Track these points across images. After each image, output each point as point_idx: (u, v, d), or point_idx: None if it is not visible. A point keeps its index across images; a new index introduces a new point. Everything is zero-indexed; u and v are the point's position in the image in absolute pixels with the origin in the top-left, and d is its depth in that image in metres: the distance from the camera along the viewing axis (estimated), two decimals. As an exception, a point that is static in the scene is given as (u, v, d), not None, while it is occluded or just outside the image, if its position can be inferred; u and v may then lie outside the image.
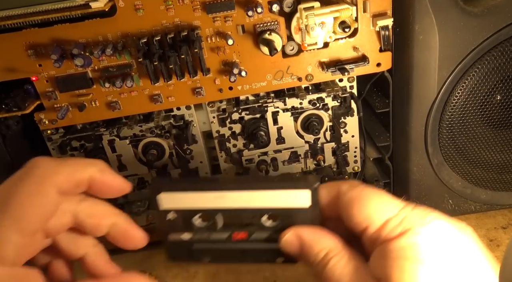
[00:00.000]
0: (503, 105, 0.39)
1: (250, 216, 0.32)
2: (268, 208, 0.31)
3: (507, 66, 0.37)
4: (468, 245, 0.28)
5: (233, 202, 0.31)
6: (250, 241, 0.32)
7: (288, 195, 0.30)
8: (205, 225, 0.32)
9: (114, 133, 0.42)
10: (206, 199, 0.31)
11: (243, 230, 0.32)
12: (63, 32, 0.36)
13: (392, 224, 0.28)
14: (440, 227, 0.28)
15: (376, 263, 0.28)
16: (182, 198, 0.31)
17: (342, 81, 0.43)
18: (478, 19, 0.36)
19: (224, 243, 0.32)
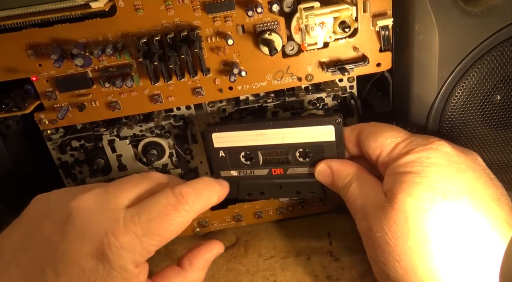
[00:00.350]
0: (503, 105, 0.39)
1: (286, 153, 0.38)
2: (299, 143, 0.38)
3: (507, 66, 0.37)
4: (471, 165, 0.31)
5: (270, 139, 0.38)
6: (287, 176, 0.39)
7: (315, 130, 0.37)
8: (249, 162, 0.39)
9: (114, 133, 0.42)
10: (249, 136, 0.38)
11: (280, 166, 0.39)
12: (63, 32, 0.36)
13: (400, 146, 0.33)
14: (443, 147, 0.32)
15: (385, 180, 0.32)
16: (230, 137, 0.38)
17: (342, 81, 0.43)
18: (478, 19, 0.36)
19: (265, 178, 0.39)
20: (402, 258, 0.29)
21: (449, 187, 0.29)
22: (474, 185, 0.30)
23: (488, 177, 0.32)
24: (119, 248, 0.27)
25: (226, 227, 0.48)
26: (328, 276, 0.40)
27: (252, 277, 0.42)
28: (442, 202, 0.29)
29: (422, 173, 0.30)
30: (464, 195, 0.29)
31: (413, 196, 0.29)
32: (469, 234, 0.28)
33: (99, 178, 0.44)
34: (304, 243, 0.45)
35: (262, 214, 0.47)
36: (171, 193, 0.30)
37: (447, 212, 0.29)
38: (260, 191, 0.40)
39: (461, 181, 0.30)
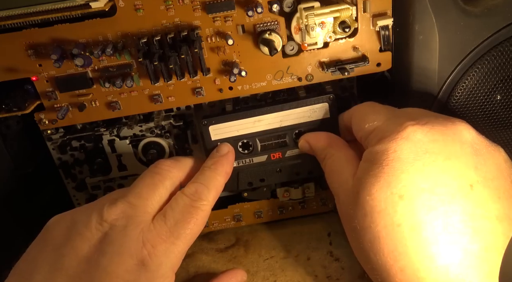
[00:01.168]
0: (503, 105, 0.39)
1: (283, 136, 0.40)
2: (296, 124, 0.39)
3: (507, 66, 0.37)
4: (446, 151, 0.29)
5: (268, 124, 0.39)
6: (285, 160, 0.41)
7: (311, 109, 0.38)
8: (247, 152, 0.40)
9: (114, 133, 0.42)
10: (246, 124, 0.39)
11: (278, 150, 0.40)
12: (63, 32, 0.36)
13: (376, 132, 0.32)
14: (414, 134, 0.29)
15: (359, 165, 0.32)
16: (228, 127, 0.39)
17: (342, 81, 0.43)
18: (478, 19, 0.36)
19: (264, 165, 0.41)
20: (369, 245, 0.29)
21: (409, 185, 0.28)
22: (440, 179, 0.28)
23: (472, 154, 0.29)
24: (159, 256, 0.29)
25: (226, 227, 0.48)
26: (328, 276, 0.40)
27: (252, 277, 0.42)
28: (397, 202, 0.28)
29: (386, 167, 0.29)
30: (423, 193, 0.28)
31: (371, 194, 0.29)
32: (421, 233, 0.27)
33: (99, 178, 0.44)
34: (304, 243, 0.45)
35: (262, 214, 0.47)
36: (185, 196, 0.33)
37: (401, 213, 0.28)
38: (260, 178, 0.41)
39: (424, 177, 0.28)
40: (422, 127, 0.29)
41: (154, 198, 0.32)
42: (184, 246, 0.31)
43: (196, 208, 0.32)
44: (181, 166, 0.35)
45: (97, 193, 0.46)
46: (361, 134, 0.34)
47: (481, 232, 0.27)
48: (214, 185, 0.34)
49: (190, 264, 0.44)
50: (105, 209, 0.31)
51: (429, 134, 0.29)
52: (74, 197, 0.46)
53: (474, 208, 0.27)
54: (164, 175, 0.34)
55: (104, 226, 0.30)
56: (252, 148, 0.40)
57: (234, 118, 0.39)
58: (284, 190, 0.45)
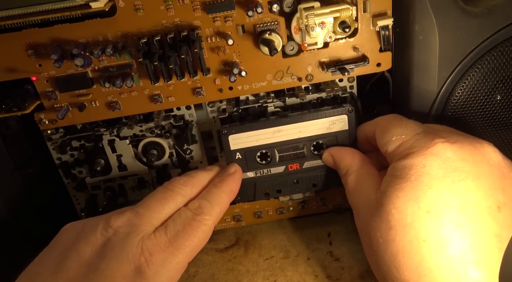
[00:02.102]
0: (503, 105, 0.39)
1: (301, 147, 0.40)
2: (314, 135, 0.39)
3: (507, 66, 0.37)
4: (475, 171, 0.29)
5: (287, 135, 0.39)
6: (302, 171, 0.41)
7: (330, 121, 0.39)
8: (265, 162, 0.40)
9: (114, 133, 0.42)
10: (266, 135, 0.39)
11: (296, 161, 0.40)
12: (63, 32, 0.36)
13: (403, 147, 0.32)
14: (444, 152, 0.29)
15: (384, 179, 0.32)
16: (247, 137, 0.39)
17: (342, 81, 0.43)
18: (478, 19, 0.36)
19: (282, 176, 0.41)
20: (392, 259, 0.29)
21: (437, 201, 0.28)
22: (469, 197, 0.28)
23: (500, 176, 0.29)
24: (156, 265, 0.30)
25: (226, 227, 0.48)
26: (328, 276, 0.40)
27: (252, 277, 0.42)
28: (424, 217, 0.28)
29: (414, 182, 0.29)
30: (451, 210, 0.28)
31: (397, 208, 0.29)
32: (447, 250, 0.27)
33: (99, 178, 0.44)
34: (304, 243, 0.45)
35: (262, 214, 0.47)
36: (188, 210, 0.33)
37: (427, 228, 0.27)
38: (277, 189, 0.41)
39: (452, 194, 0.28)
40: (452, 146, 0.30)
41: (162, 212, 0.33)
42: (182, 257, 0.31)
43: (197, 221, 0.32)
44: (195, 183, 0.36)
45: (97, 193, 0.46)
46: (386, 147, 0.33)
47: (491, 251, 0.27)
48: (218, 202, 0.35)
49: (190, 264, 0.43)
50: (113, 217, 0.32)
51: (458, 153, 0.29)
52: (74, 197, 0.46)
53: (501, 230, 0.27)
54: (176, 191, 0.34)
55: (109, 231, 0.31)
56: (270, 158, 0.40)
57: (254, 128, 0.39)
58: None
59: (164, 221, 0.33)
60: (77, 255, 0.30)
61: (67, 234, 0.32)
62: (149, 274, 0.29)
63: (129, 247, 0.30)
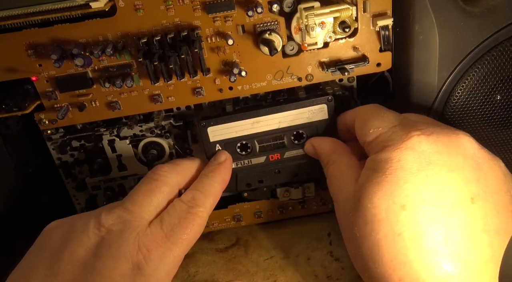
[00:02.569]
0: (503, 105, 0.39)
1: (281, 137, 0.40)
2: (294, 125, 0.39)
3: (507, 66, 0.37)
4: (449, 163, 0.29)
5: (267, 125, 0.39)
6: (283, 161, 0.41)
7: (309, 110, 0.38)
8: (245, 153, 0.40)
9: (114, 133, 0.42)
10: (245, 126, 0.39)
11: (276, 151, 0.40)
12: (63, 32, 0.36)
13: (381, 138, 0.32)
14: (419, 145, 0.29)
15: (362, 171, 0.32)
16: (226, 128, 0.39)
17: (342, 81, 0.43)
18: (478, 19, 0.36)
19: (263, 166, 0.41)
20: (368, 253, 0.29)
21: (411, 195, 0.28)
22: (443, 190, 0.28)
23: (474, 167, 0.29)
24: (154, 261, 0.29)
25: (226, 227, 0.48)
26: (328, 276, 0.40)
27: (252, 277, 0.42)
28: (399, 211, 0.28)
29: (389, 176, 0.29)
30: (425, 204, 0.28)
31: (373, 203, 0.29)
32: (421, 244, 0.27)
33: (99, 178, 0.44)
34: (304, 243, 0.45)
35: (262, 214, 0.47)
36: (182, 202, 0.33)
37: (402, 222, 0.28)
38: (259, 179, 0.41)
39: (427, 188, 0.28)
40: (428, 138, 0.30)
41: (151, 204, 0.32)
42: (180, 251, 0.31)
43: (193, 214, 0.32)
44: (180, 170, 0.36)
45: (97, 193, 0.46)
46: (364, 139, 0.34)
47: (480, 245, 0.27)
48: (211, 192, 0.35)
49: (190, 264, 0.44)
50: (103, 215, 0.31)
51: (433, 145, 0.29)
52: (74, 197, 0.46)
53: (474, 221, 0.27)
54: (161, 180, 0.34)
55: (101, 230, 0.30)
56: (251, 149, 0.40)
57: (233, 119, 0.39)
58: (284, 190, 0.45)
59: (157, 213, 0.32)
60: (70, 257, 0.29)
61: (53, 234, 0.31)
62: (148, 271, 0.29)
63: (125, 245, 0.29)
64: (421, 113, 0.40)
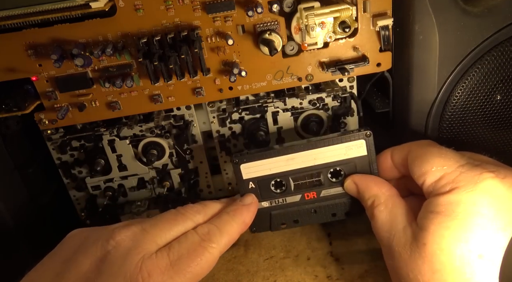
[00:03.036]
0: (503, 105, 0.39)
1: (318, 175, 0.38)
2: (331, 162, 0.37)
3: (507, 66, 0.37)
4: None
5: (302, 162, 0.37)
6: (320, 200, 0.39)
7: (346, 146, 0.36)
8: (279, 191, 0.38)
9: (114, 133, 0.42)
10: (279, 163, 0.37)
11: (312, 190, 0.38)
12: (63, 32, 0.36)
13: (445, 180, 0.29)
14: (493, 187, 0.27)
15: (422, 211, 0.30)
16: (260, 166, 0.37)
17: (342, 81, 0.43)
18: (478, 19, 0.36)
19: (298, 205, 0.39)
20: None
21: (490, 244, 0.26)
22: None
23: None
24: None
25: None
26: (328, 276, 0.40)
27: (252, 277, 0.42)
28: (477, 261, 0.26)
29: (462, 221, 0.27)
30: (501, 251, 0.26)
31: (443, 249, 0.27)
32: None
33: (99, 178, 0.44)
34: (304, 243, 0.45)
35: (262, 214, 0.47)
36: (196, 234, 0.32)
37: (480, 274, 0.26)
38: (294, 219, 0.39)
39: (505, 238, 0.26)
40: (503, 181, 0.27)
41: (169, 232, 0.32)
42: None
43: (203, 248, 0.31)
44: (208, 212, 0.34)
45: (97, 193, 0.46)
46: (424, 178, 0.31)
47: None
48: (227, 231, 0.33)
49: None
50: (118, 229, 0.31)
51: (510, 190, 0.27)
52: (74, 197, 0.46)
53: None
54: (187, 216, 0.33)
55: (110, 244, 0.30)
56: (285, 187, 0.38)
57: (267, 156, 0.37)
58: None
59: (170, 242, 0.31)
60: (76, 267, 0.29)
61: (70, 242, 0.32)
62: None
63: (128, 265, 0.29)
64: (421, 113, 0.40)
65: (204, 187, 0.47)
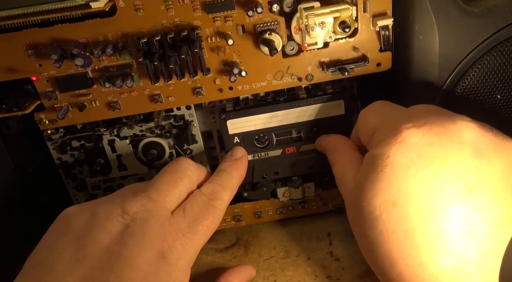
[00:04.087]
0: (503, 105, 0.39)
1: (298, 131, 0.41)
2: (311, 120, 0.40)
3: (507, 66, 0.37)
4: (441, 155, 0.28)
5: (284, 120, 0.40)
6: (299, 154, 0.42)
7: (327, 106, 0.40)
8: (262, 146, 0.42)
9: (114, 133, 0.42)
10: (263, 119, 0.40)
11: (293, 145, 0.42)
12: (63, 32, 0.36)
13: (376, 135, 0.32)
14: (409, 138, 0.29)
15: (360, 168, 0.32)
16: (245, 122, 0.40)
17: (342, 81, 0.43)
18: (478, 19, 0.36)
19: (279, 158, 0.42)
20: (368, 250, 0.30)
21: (402, 191, 0.27)
22: (434, 184, 0.27)
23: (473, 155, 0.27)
24: (178, 250, 0.30)
25: (226, 227, 0.48)
26: (328, 276, 0.40)
27: (252, 277, 0.42)
28: (391, 209, 0.27)
29: (380, 173, 0.28)
30: (416, 200, 0.27)
31: (367, 201, 0.29)
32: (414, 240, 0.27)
33: (99, 178, 0.44)
34: (304, 243, 0.45)
35: (262, 214, 0.47)
36: (203, 194, 0.34)
37: (395, 219, 0.27)
38: (274, 171, 0.43)
39: (417, 183, 0.27)
40: (418, 130, 0.28)
41: (173, 195, 0.33)
42: (200, 242, 0.32)
43: (213, 206, 0.33)
44: (197, 167, 0.37)
45: (97, 193, 0.46)
46: (363, 136, 0.34)
47: (478, 237, 0.26)
48: (229, 186, 0.36)
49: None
50: (127, 202, 0.31)
51: (424, 137, 0.28)
52: (74, 197, 0.46)
53: (471, 213, 0.26)
54: (184, 172, 0.35)
55: (126, 218, 0.31)
56: (268, 142, 0.42)
57: (251, 113, 0.40)
58: (284, 190, 0.45)
59: (177, 204, 0.33)
60: (96, 243, 0.29)
61: (73, 219, 0.31)
62: (172, 259, 0.30)
63: (151, 234, 0.30)
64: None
65: (204, 187, 0.47)
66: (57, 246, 0.30)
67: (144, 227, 0.30)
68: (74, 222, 0.31)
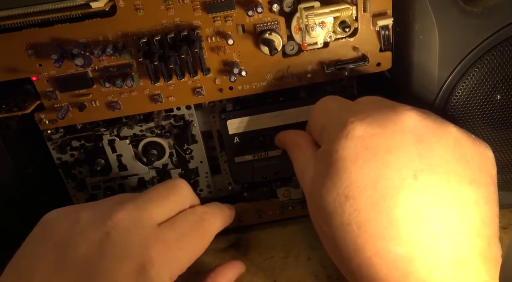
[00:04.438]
0: (503, 105, 0.39)
1: None
2: None
3: (507, 66, 0.37)
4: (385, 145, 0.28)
5: (285, 119, 0.40)
6: None
7: None
8: (262, 146, 0.42)
9: (114, 133, 0.42)
10: (264, 119, 0.40)
11: None
12: (63, 32, 0.36)
13: (325, 132, 0.32)
14: (353, 131, 0.29)
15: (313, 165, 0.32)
16: (245, 122, 0.40)
17: (342, 81, 0.43)
18: (478, 19, 0.36)
19: (279, 158, 0.42)
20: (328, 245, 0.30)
21: (352, 184, 0.28)
22: (381, 173, 0.27)
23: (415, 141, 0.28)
24: (160, 263, 0.28)
25: (226, 227, 0.48)
26: (328, 276, 0.40)
27: (252, 277, 0.42)
28: (344, 203, 0.28)
29: (330, 168, 0.29)
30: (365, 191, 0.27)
31: (321, 196, 0.29)
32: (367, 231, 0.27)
33: (99, 178, 0.44)
34: (304, 243, 0.45)
35: (262, 214, 0.47)
36: (195, 214, 0.32)
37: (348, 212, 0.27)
38: (274, 171, 0.43)
39: (365, 173, 0.27)
40: (362, 123, 0.29)
41: (163, 207, 0.31)
42: (184, 260, 0.30)
43: (203, 227, 0.32)
44: (192, 191, 0.35)
45: (97, 193, 0.46)
46: (313, 134, 0.34)
47: (428, 221, 0.26)
48: (221, 216, 0.35)
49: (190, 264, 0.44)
50: (112, 209, 0.30)
51: (368, 129, 0.28)
52: (74, 197, 0.46)
53: (419, 198, 0.27)
54: (177, 190, 0.33)
55: (108, 225, 0.28)
56: (268, 142, 0.41)
57: (252, 113, 0.40)
58: (284, 190, 0.45)
59: (166, 218, 0.31)
60: (75, 252, 0.28)
61: (57, 224, 0.30)
62: (153, 274, 0.28)
63: (132, 246, 0.28)
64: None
65: (204, 187, 0.47)
66: (37, 252, 0.29)
67: (126, 237, 0.28)
68: (56, 228, 0.30)
